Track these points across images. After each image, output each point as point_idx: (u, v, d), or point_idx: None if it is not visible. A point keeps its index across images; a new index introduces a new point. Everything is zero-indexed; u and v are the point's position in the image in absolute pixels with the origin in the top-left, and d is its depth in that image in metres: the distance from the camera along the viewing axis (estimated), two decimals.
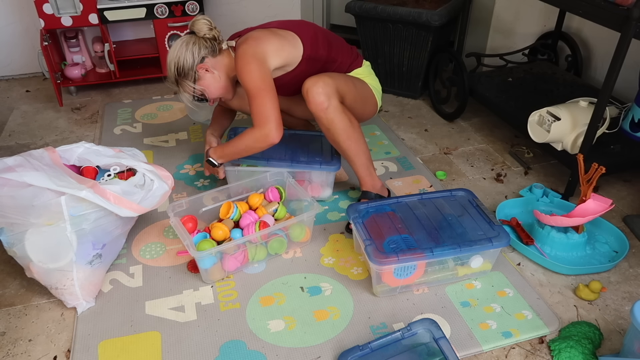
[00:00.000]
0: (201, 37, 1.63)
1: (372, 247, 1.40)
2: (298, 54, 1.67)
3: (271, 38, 1.63)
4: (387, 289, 1.45)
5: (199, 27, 1.63)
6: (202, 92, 1.69)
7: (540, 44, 2.48)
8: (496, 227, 1.48)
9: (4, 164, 1.35)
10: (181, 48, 1.62)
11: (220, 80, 1.69)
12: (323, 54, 1.72)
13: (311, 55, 1.69)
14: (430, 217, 1.54)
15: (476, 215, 1.53)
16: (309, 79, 1.62)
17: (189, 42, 1.63)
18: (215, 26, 1.66)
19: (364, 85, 1.79)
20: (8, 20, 2.71)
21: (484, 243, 1.42)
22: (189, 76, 1.64)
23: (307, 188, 1.82)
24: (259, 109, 1.56)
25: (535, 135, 1.86)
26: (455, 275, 1.49)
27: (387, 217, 1.53)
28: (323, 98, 1.59)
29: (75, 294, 1.40)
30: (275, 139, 1.58)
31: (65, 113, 2.51)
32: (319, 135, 1.93)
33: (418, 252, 1.38)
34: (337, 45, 1.78)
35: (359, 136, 1.69)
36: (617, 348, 1.33)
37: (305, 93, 1.61)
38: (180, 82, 1.67)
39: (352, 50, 1.85)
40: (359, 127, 1.70)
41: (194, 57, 1.62)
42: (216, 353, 1.31)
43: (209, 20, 1.65)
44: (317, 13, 3.16)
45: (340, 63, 1.77)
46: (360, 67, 1.83)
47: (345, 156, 1.72)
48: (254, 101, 1.56)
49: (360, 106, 1.77)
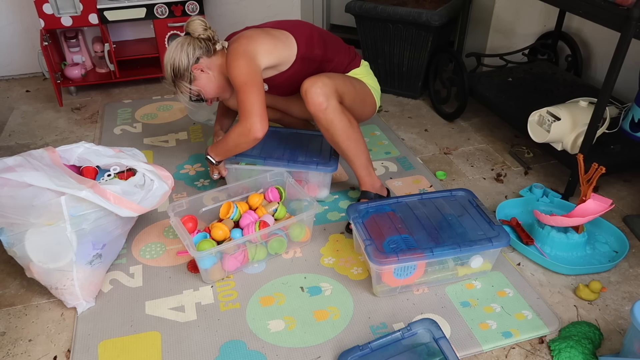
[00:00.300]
0: (196, 38, 1.64)
1: (372, 247, 1.40)
2: (292, 53, 1.67)
3: (263, 37, 1.63)
4: (387, 289, 1.45)
5: (193, 27, 1.64)
6: (199, 92, 1.69)
7: (540, 44, 2.48)
8: (496, 227, 1.48)
9: (4, 164, 1.35)
10: (176, 50, 1.63)
11: (215, 80, 1.69)
12: (318, 54, 1.72)
13: (305, 55, 1.69)
14: (430, 217, 1.54)
15: (476, 215, 1.53)
16: (308, 80, 1.62)
17: (184, 43, 1.63)
18: (210, 26, 1.66)
19: (363, 86, 1.79)
20: (8, 20, 2.71)
21: (484, 243, 1.42)
22: (184, 77, 1.65)
23: (304, 188, 1.81)
24: (243, 104, 1.57)
25: (535, 135, 1.86)
26: (456, 275, 1.49)
27: (387, 217, 1.53)
28: (322, 99, 1.59)
29: (75, 294, 1.40)
30: (258, 133, 1.58)
31: (65, 113, 2.51)
32: (319, 135, 1.93)
33: (418, 252, 1.38)
34: (334, 45, 1.78)
35: (358, 136, 1.69)
36: (617, 348, 1.33)
37: (304, 93, 1.61)
38: (176, 83, 1.68)
39: (350, 50, 1.84)
40: (358, 127, 1.70)
41: (188, 58, 1.62)
42: (216, 353, 1.31)
43: (203, 21, 1.65)
44: (317, 13, 3.16)
45: (337, 63, 1.77)
46: (359, 67, 1.83)
47: (345, 156, 1.72)
48: (239, 96, 1.57)
49: (359, 106, 1.77)
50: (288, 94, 1.86)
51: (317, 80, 1.60)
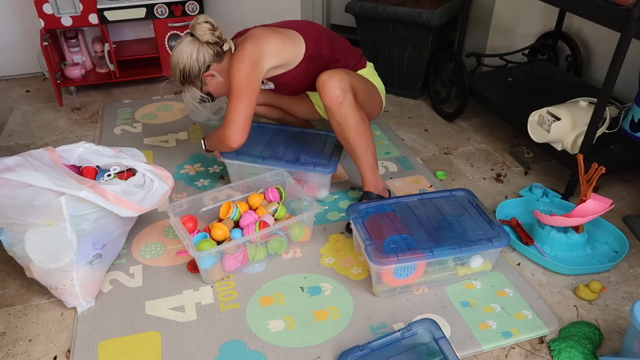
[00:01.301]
0: (204, 43, 1.61)
1: (372, 247, 1.40)
2: (300, 52, 1.67)
3: (272, 36, 1.63)
4: (387, 289, 1.45)
5: (201, 32, 1.60)
6: (208, 92, 1.70)
7: (540, 44, 2.48)
8: (496, 227, 1.48)
9: (4, 164, 1.35)
10: (185, 55, 1.61)
11: (225, 84, 1.69)
12: (326, 53, 1.72)
13: (313, 54, 1.69)
14: (430, 217, 1.54)
15: (476, 215, 1.53)
16: (325, 73, 1.61)
17: (193, 49, 1.60)
18: (216, 26, 1.64)
19: (372, 85, 1.80)
20: (8, 20, 2.71)
21: (484, 243, 1.42)
22: (195, 84, 1.66)
23: (304, 187, 1.81)
24: (230, 111, 1.59)
25: (535, 135, 1.86)
26: (456, 275, 1.49)
27: (387, 217, 1.53)
28: (339, 92, 1.59)
29: (75, 294, 1.40)
30: (232, 143, 1.60)
31: (65, 113, 2.51)
32: (323, 134, 1.93)
33: (418, 252, 1.38)
34: (341, 46, 1.78)
35: (369, 134, 1.69)
36: (617, 348, 1.33)
37: (321, 86, 1.61)
38: (185, 87, 1.69)
39: (357, 51, 1.85)
40: (369, 125, 1.70)
41: (199, 65, 1.62)
42: (216, 353, 1.31)
43: (210, 22, 1.62)
44: (317, 13, 3.16)
45: (344, 63, 1.77)
46: (365, 68, 1.83)
47: (353, 153, 1.71)
48: (230, 101, 1.58)
49: (369, 105, 1.77)
50: (293, 93, 1.86)
51: (334, 74, 1.60)
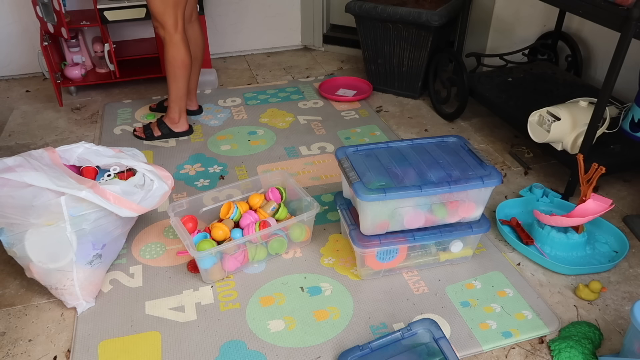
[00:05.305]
0: None
1: (356, 232, 1.43)
2: None
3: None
4: (371, 272, 1.49)
5: None
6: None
7: (540, 44, 2.48)
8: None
9: (4, 164, 1.35)
10: None
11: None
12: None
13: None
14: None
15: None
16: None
17: None
18: None
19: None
20: (8, 20, 2.71)
21: (464, 229, 1.46)
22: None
23: (457, 209, 1.46)
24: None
25: (535, 135, 1.86)
26: (437, 260, 1.53)
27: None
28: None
29: (75, 294, 1.40)
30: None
31: (65, 113, 2.51)
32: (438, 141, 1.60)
33: (400, 237, 1.42)
34: None
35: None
36: (617, 348, 1.33)
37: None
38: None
39: None
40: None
41: None
42: (216, 353, 1.31)
43: None
44: (317, 13, 3.15)
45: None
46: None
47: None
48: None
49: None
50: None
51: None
